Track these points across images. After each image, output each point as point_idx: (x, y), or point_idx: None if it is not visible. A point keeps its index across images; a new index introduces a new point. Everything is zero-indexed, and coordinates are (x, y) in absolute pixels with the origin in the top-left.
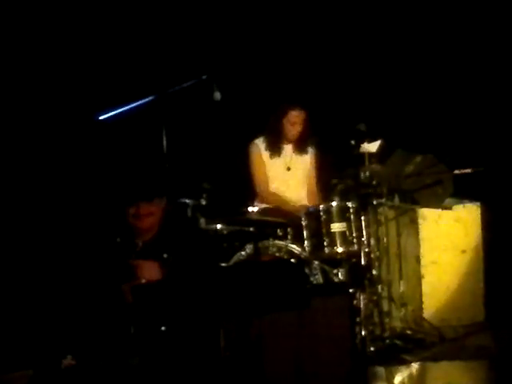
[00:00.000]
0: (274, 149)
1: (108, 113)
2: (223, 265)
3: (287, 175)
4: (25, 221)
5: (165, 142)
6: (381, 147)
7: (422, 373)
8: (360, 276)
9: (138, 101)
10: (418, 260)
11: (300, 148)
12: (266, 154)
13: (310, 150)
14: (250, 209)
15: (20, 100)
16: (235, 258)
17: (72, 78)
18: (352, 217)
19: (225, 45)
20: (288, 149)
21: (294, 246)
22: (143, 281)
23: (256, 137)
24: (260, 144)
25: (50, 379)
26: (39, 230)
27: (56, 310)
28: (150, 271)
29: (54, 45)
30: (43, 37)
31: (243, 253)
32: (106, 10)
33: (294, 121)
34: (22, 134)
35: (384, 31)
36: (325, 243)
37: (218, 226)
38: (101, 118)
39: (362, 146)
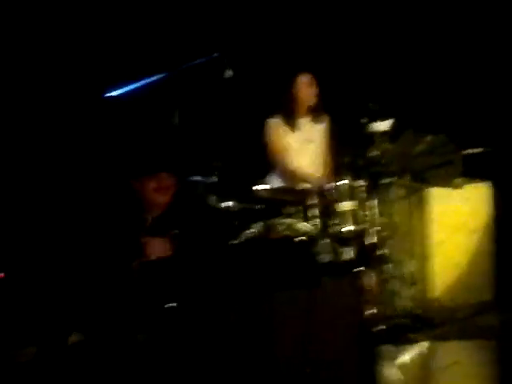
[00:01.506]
0: (291, 124)
1: (120, 89)
2: (232, 242)
3: (309, 148)
4: (35, 195)
5: (177, 120)
6: (392, 126)
7: (430, 352)
8: (370, 255)
9: (149, 78)
10: (427, 239)
11: (316, 118)
12: (283, 131)
13: (324, 119)
14: (261, 187)
15: (34, 74)
16: (244, 236)
17: (85, 56)
18: (362, 195)
19: (236, 22)
20: (305, 121)
21: (303, 223)
22: (152, 257)
23: (269, 114)
24: (276, 122)
25: (56, 355)
26: (49, 205)
27: (63, 287)
28: (159, 248)
29: (67, 21)
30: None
31: (253, 230)
32: None
33: (308, 84)
34: (37, 109)
35: (397, 10)
36: (335, 221)
37: (229, 204)
38: (112, 94)
39: (373, 124)
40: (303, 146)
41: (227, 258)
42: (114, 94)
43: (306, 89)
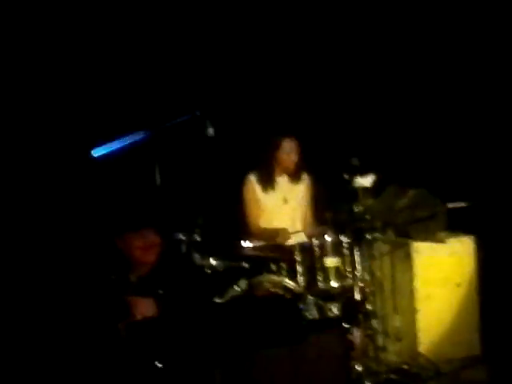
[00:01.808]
0: (268, 182)
1: (101, 148)
2: (218, 300)
3: (284, 208)
4: (21, 253)
5: (158, 178)
6: (374, 181)
7: None
8: (355, 311)
9: (131, 136)
10: (412, 294)
11: (295, 177)
12: (259, 189)
13: (304, 178)
14: (244, 244)
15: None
16: (230, 294)
17: (65, 114)
18: (346, 251)
19: (217, 81)
20: (283, 181)
21: (288, 281)
22: (138, 317)
23: (249, 172)
24: (253, 179)
25: None
26: (34, 265)
27: (51, 349)
28: (145, 308)
29: (47, 79)
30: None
31: (237, 288)
32: (98, 43)
33: (289, 150)
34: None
35: (375, 64)
36: (319, 278)
37: (213, 262)
38: (94, 155)
39: (356, 180)
40: (279, 206)
41: (213, 316)
42: (97, 152)
43: (288, 154)
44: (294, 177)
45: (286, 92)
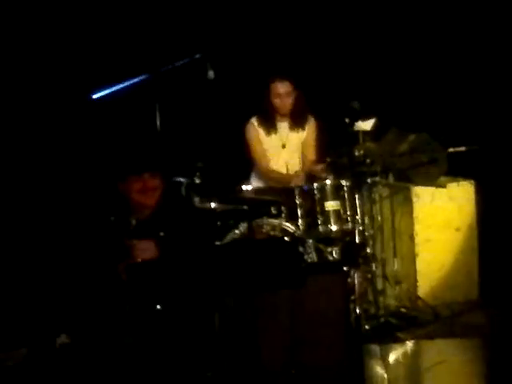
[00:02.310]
0: (268, 126)
1: (102, 91)
2: (217, 243)
3: (283, 152)
4: (19, 199)
5: (158, 121)
6: (375, 125)
7: (416, 350)
8: (354, 254)
9: (131, 79)
10: (412, 238)
11: (295, 124)
12: (261, 132)
13: (308, 126)
14: (244, 187)
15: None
16: (229, 237)
17: (65, 57)
18: (346, 195)
19: (218, 23)
20: (284, 126)
21: (288, 224)
22: (138, 259)
23: (251, 115)
24: (255, 122)
25: (44, 357)
26: (33, 209)
27: (51, 289)
28: (145, 250)
29: (47, 24)
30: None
31: (237, 231)
32: None
33: (278, 92)
34: (15, 113)
35: (378, 7)
36: (319, 221)
37: (212, 205)
38: (95, 96)
39: (356, 124)
40: (277, 151)
41: (212, 259)
42: (97, 95)
43: (280, 98)
44: (295, 123)
45: (286, 34)
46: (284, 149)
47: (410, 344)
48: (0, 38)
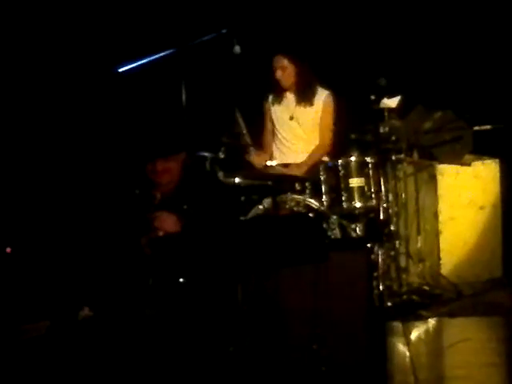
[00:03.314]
0: (277, 97)
1: (128, 65)
2: (241, 218)
3: (292, 124)
4: (45, 172)
5: (184, 96)
6: (400, 103)
7: (438, 328)
8: (378, 231)
9: (157, 54)
10: (435, 216)
11: (301, 98)
12: (271, 103)
13: (318, 102)
14: (269, 163)
15: (38, 54)
16: (253, 212)
17: (92, 31)
18: (370, 172)
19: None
20: (290, 98)
21: (312, 200)
22: (162, 233)
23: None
24: (269, 96)
25: (67, 330)
26: (59, 182)
27: (74, 261)
28: (168, 223)
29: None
30: None
31: (261, 207)
32: None
33: (274, 65)
34: (40, 87)
35: None
36: (343, 198)
37: (236, 180)
38: (120, 70)
39: (382, 101)
40: (284, 121)
41: (236, 233)
42: (124, 68)
43: (276, 71)
44: (301, 97)
45: (311, 11)
46: (291, 121)
47: (432, 322)
48: (25, 11)
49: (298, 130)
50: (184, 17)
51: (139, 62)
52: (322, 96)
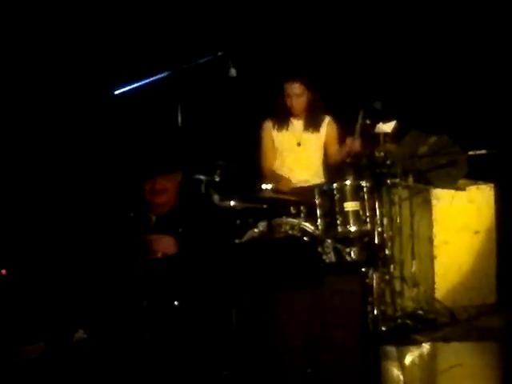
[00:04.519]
0: (282, 123)
1: (124, 88)
2: (236, 241)
3: (298, 150)
4: (40, 192)
5: (180, 118)
6: (396, 127)
7: (432, 353)
8: (373, 255)
9: (153, 76)
10: (430, 240)
11: (310, 124)
12: (275, 130)
13: (324, 128)
14: (264, 186)
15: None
16: (248, 235)
17: (88, 53)
18: (366, 196)
19: (240, 21)
20: (298, 124)
21: (307, 224)
22: (158, 255)
23: (266, 114)
24: (269, 124)
25: (62, 352)
26: (53, 203)
27: (69, 284)
28: (164, 245)
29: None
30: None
31: (256, 230)
32: None
33: (290, 93)
34: (37, 108)
35: (400, 9)
36: (338, 222)
37: (232, 203)
38: (116, 92)
39: (377, 125)
40: (292, 148)
41: (231, 256)
42: (119, 91)
43: (291, 98)
44: (310, 123)
45: (307, 34)
46: (299, 147)
47: (426, 346)
48: (22, 33)
49: (303, 157)
50: (180, 39)
51: (135, 85)
52: (326, 121)
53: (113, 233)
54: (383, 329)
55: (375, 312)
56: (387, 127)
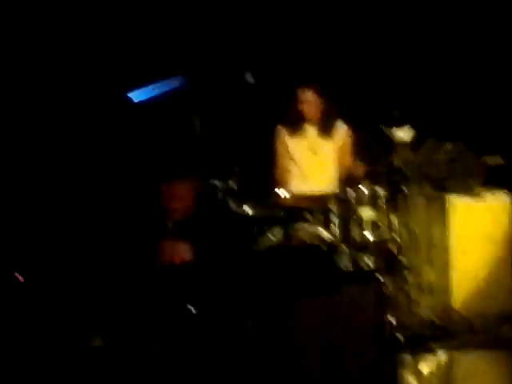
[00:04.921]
0: (295, 129)
1: (142, 95)
2: (253, 249)
3: (314, 159)
4: (60, 196)
5: (197, 124)
6: (412, 135)
7: (449, 362)
8: (389, 264)
9: (171, 83)
10: (447, 248)
11: (324, 131)
12: (287, 136)
13: (337, 135)
14: (280, 192)
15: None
16: (265, 243)
17: (106, 60)
18: (382, 204)
19: (258, 28)
20: (311, 131)
21: (323, 231)
22: (174, 261)
23: (279, 124)
24: (283, 130)
25: (78, 359)
26: (72, 208)
27: (86, 291)
28: (180, 251)
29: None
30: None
31: (272, 237)
32: None
33: (303, 99)
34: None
35: (416, 17)
36: (354, 229)
37: (248, 210)
38: (135, 99)
39: (395, 132)
40: (307, 156)
41: (247, 264)
42: (139, 98)
43: (305, 104)
44: (323, 130)
45: (326, 42)
46: (315, 155)
47: (443, 355)
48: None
49: (317, 164)
50: (198, 46)
51: (155, 92)
52: (341, 130)
53: (130, 239)
54: (400, 337)
55: (392, 320)
56: (404, 135)
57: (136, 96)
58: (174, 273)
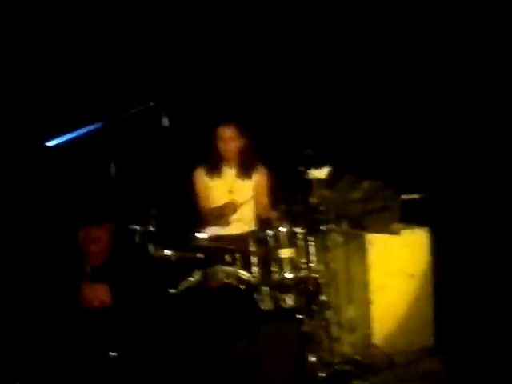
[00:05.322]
0: (214, 171)
1: (56, 139)
2: (172, 291)
3: (229, 197)
4: None
5: (113, 169)
6: (328, 173)
7: None
8: (309, 302)
9: (86, 127)
10: (366, 285)
11: (242, 172)
12: (206, 178)
13: (255, 175)
14: (199, 235)
15: None
16: (184, 284)
17: (21, 104)
18: (300, 242)
19: (171, 71)
20: (229, 172)
21: (242, 271)
22: (92, 304)
23: (198, 166)
24: (201, 171)
25: None
26: None
27: (5, 336)
28: (99, 295)
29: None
30: None
31: (192, 279)
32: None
33: (222, 136)
34: None
35: (330, 57)
36: (273, 269)
37: (167, 253)
38: (49, 144)
39: (310, 172)
40: (224, 196)
41: (167, 306)
42: (52, 142)
43: (224, 142)
44: (242, 171)
45: (238, 83)
46: (231, 194)
47: None
48: None
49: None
50: (112, 90)
51: (68, 136)
52: (259, 169)
53: (47, 283)
54: (322, 375)
55: (313, 358)
56: (320, 173)
57: (50, 140)
58: (93, 316)
